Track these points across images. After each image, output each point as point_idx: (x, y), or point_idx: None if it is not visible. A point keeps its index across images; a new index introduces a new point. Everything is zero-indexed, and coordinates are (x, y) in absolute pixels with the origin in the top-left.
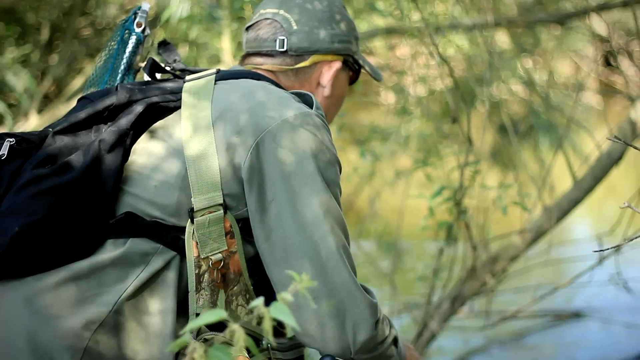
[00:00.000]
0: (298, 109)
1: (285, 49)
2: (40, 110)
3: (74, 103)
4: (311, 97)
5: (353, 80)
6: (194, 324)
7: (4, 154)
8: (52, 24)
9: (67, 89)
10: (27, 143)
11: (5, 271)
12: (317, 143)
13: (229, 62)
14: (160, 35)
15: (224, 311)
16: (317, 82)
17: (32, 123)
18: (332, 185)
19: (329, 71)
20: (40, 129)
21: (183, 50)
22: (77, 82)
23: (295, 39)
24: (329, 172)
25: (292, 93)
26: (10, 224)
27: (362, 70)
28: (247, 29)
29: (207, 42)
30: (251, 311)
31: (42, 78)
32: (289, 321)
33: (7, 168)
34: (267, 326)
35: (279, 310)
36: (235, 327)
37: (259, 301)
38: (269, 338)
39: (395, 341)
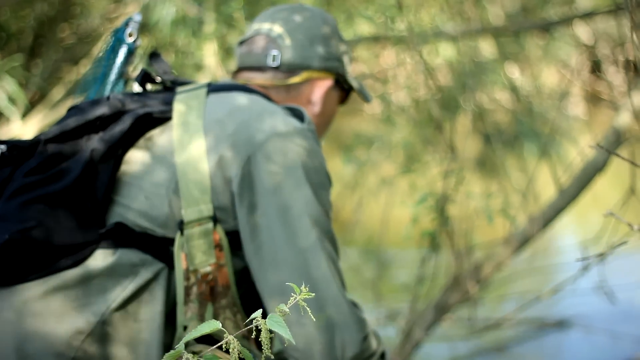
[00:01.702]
0: (289, 123)
1: (277, 64)
2: (23, 117)
3: (57, 111)
4: (302, 112)
5: (342, 100)
6: (190, 335)
7: None
8: (35, 31)
9: (50, 97)
10: (18, 150)
11: None
12: (308, 158)
13: (215, 71)
14: (144, 41)
15: (218, 322)
16: (307, 99)
17: (15, 130)
18: (323, 200)
19: (320, 89)
20: (23, 136)
21: (168, 58)
22: (60, 90)
23: (288, 54)
24: (320, 187)
25: (284, 107)
26: (0, 232)
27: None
28: (241, 43)
29: (192, 51)
30: (245, 325)
31: (26, 85)
32: (284, 333)
33: None
34: (265, 338)
35: (275, 322)
36: (230, 338)
37: (258, 314)
38: (267, 352)
39: (382, 356)
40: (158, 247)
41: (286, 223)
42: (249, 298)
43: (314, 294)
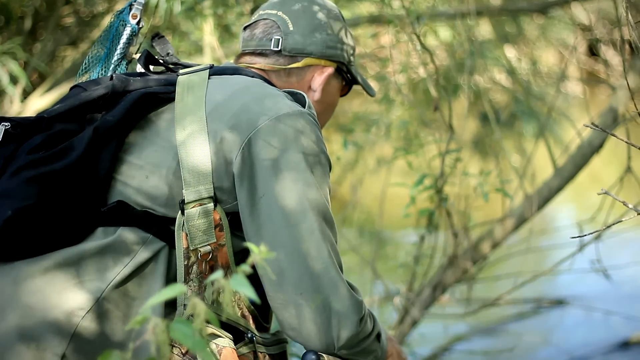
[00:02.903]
0: (291, 107)
1: (279, 48)
2: (23, 99)
3: (57, 91)
4: (304, 97)
5: (344, 92)
6: (153, 300)
7: None
8: (35, 12)
9: (51, 78)
10: (21, 128)
11: None
12: (309, 141)
13: (214, 52)
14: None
15: (184, 286)
16: (308, 85)
17: (16, 110)
18: (323, 184)
19: (321, 75)
20: (23, 116)
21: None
22: (60, 71)
23: (291, 39)
24: (320, 170)
25: (285, 92)
26: (3, 208)
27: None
28: (245, 28)
29: (191, 31)
30: (238, 306)
31: (25, 67)
32: (248, 292)
33: (1, 152)
34: (227, 298)
35: (239, 282)
36: (195, 301)
37: (218, 274)
38: (229, 310)
39: (378, 336)
40: (159, 226)
41: (285, 206)
42: (248, 278)
43: (311, 275)
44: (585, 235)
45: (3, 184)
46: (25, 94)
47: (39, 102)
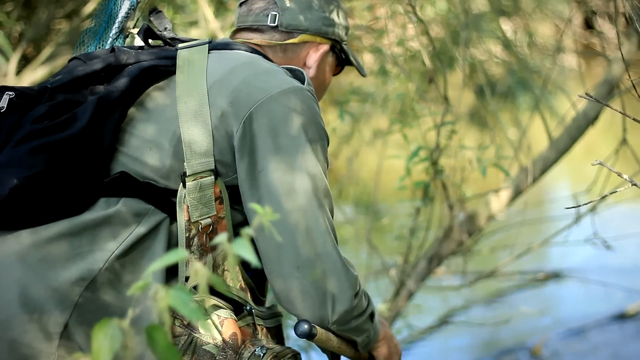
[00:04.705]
0: (290, 82)
1: (276, 24)
2: (18, 72)
3: (52, 64)
4: (302, 73)
5: (337, 71)
6: (155, 265)
7: (3, 107)
8: None
9: (45, 51)
10: (25, 98)
11: (1, 223)
12: (308, 117)
13: (209, 25)
14: None
15: (185, 251)
16: (303, 62)
17: (9, 83)
18: (321, 159)
19: (316, 52)
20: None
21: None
22: (56, 43)
23: (288, 15)
24: (319, 145)
25: (284, 68)
26: (8, 177)
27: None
28: (241, 4)
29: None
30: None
31: (20, 39)
32: (250, 257)
33: (5, 121)
34: (232, 262)
35: (241, 247)
36: (198, 267)
37: (223, 237)
38: (234, 278)
39: (371, 316)
40: (160, 197)
41: (285, 180)
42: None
43: (309, 249)
44: (580, 205)
45: (8, 154)
46: (20, 67)
47: (34, 75)
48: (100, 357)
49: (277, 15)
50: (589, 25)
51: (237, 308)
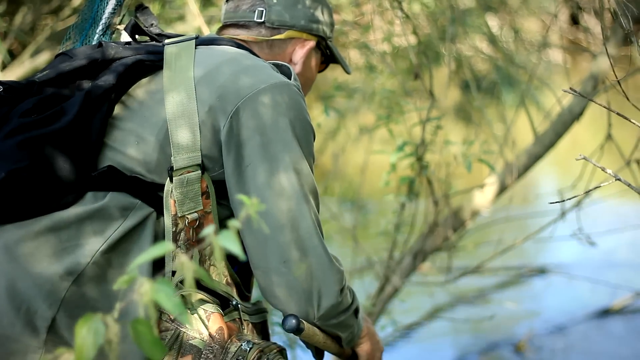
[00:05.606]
0: (277, 78)
1: (262, 19)
2: (3, 67)
3: (37, 60)
4: (289, 68)
5: (322, 68)
6: (141, 258)
7: None
8: None
9: (31, 46)
10: (13, 91)
11: None
12: (295, 112)
13: (195, 20)
14: None
15: (171, 244)
16: (289, 58)
17: None
18: (307, 154)
19: (302, 49)
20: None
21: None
22: (41, 39)
23: (274, 11)
24: (305, 141)
25: (271, 63)
26: None
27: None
28: (227, 0)
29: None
30: (222, 274)
31: (5, 34)
32: (235, 249)
33: None
34: (218, 254)
35: (227, 238)
36: (183, 259)
37: (210, 229)
38: (221, 270)
39: (356, 312)
40: (147, 192)
41: (271, 175)
42: None
43: (296, 244)
44: (564, 200)
45: None
46: (5, 63)
47: (19, 71)
48: (84, 352)
49: (264, 11)
50: (575, 21)
51: (224, 303)
